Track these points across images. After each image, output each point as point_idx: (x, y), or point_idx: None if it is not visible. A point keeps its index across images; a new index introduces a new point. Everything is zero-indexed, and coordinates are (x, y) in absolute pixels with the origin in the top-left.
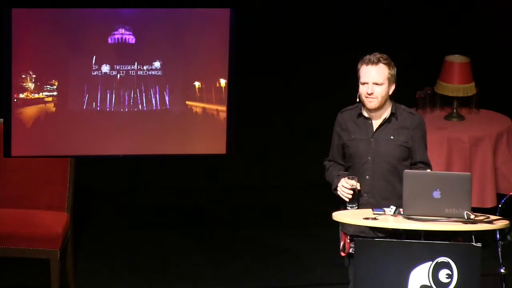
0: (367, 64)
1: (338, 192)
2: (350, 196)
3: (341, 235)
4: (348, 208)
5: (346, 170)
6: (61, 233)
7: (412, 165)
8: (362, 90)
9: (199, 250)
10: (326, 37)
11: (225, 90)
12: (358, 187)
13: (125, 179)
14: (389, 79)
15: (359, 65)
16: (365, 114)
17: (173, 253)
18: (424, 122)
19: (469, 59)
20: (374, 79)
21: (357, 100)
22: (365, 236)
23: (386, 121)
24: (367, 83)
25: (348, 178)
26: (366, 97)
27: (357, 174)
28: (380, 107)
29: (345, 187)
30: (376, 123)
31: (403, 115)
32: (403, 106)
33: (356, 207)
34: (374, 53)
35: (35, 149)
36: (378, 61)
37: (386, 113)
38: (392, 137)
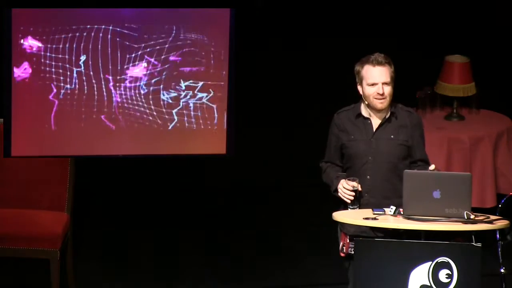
0: (374, 65)
1: (339, 194)
2: (352, 198)
3: (341, 235)
4: (349, 209)
5: (344, 171)
6: (61, 233)
7: (412, 164)
8: (371, 91)
9: (199, 250)
10: (326, 37)
11: (225, 90)
12: (359, 188)
13: (125, 179)
14: (392, 78)
15: (360, 66)
16: (365, 114)
17: (173, 253)
18: (422, 120)
19: (469, 59)
20: (384, 79)
21: (365, 102)
22: (366, 236)
23: (386, 121)
24: (376, 84)
25: (349, 180)
26: (376, 98)
27: (358, 174)
28: (386, 107)
29: (346, 188)
30: (375, 123)
31: (401, 113)
32: (400, 105)
33: (358, 208)
34: (376, 54)
35: (35, 149)
36: (384, 61)
37: (387, 112)
38: (392, 136)
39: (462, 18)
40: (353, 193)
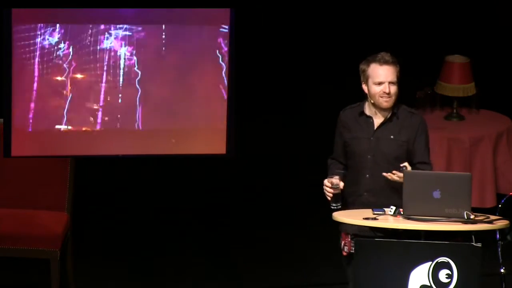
0: (381, 64)
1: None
2: (331, 195)
3: (342, 235)
4: (331, 207)
5: (347, 169)
6: (61, 233)
7: (411, 166)
8: (377, 89)
9: (199, 250)
10: (326, 36)
11: (225, 90)
12: (341, 186)
13: (125, 179)
14: (398, 77)
15: (366, 65)
16: (367, 112)
17: (173, 253)
18: (425, 122)
19: (469, 59)
20: (391, 78)
21: (370, 100)
22: (366, 236)
23: (387, 120)
24: (383, 83)
25: (330, 177)
26: (382, 96)
27: (358, 172)
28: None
29: (326, 185)
30: (377, 122)
31: (404, 114)
32: (403, 106)
33: (340, 207)
34: (383, 52)
35: (35, 149)
36: (391, 60)
37: (389, 112)
38: (392, 136)
39: (462, 18)
40: (331, 190)
